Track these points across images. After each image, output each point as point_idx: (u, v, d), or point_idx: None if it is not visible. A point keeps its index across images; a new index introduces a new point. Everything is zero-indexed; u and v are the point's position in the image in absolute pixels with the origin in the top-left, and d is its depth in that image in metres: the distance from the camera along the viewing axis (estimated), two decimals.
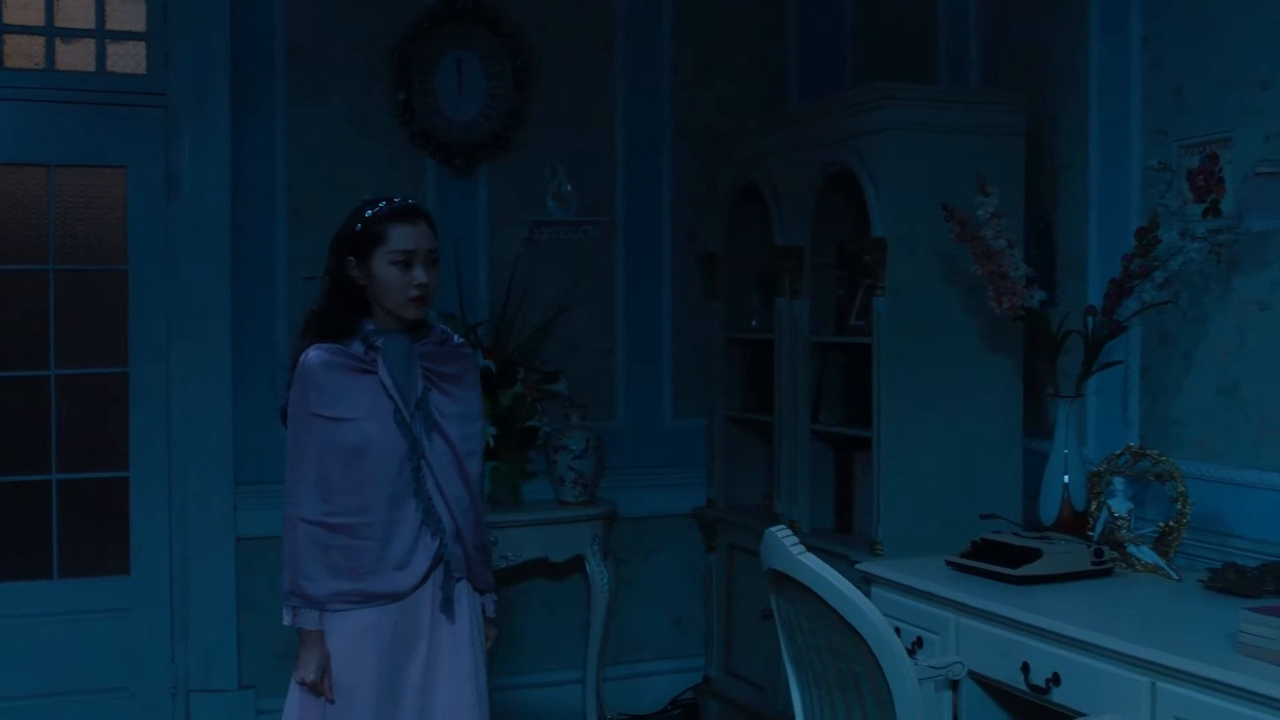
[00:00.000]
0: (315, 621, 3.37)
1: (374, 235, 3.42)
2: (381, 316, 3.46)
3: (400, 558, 3.40)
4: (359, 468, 3.36)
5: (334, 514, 3.35)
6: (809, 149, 5.11)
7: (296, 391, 3.40)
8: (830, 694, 3.32)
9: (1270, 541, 4.01)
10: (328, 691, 3.37)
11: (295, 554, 3.37)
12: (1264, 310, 4.08)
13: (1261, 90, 4.07)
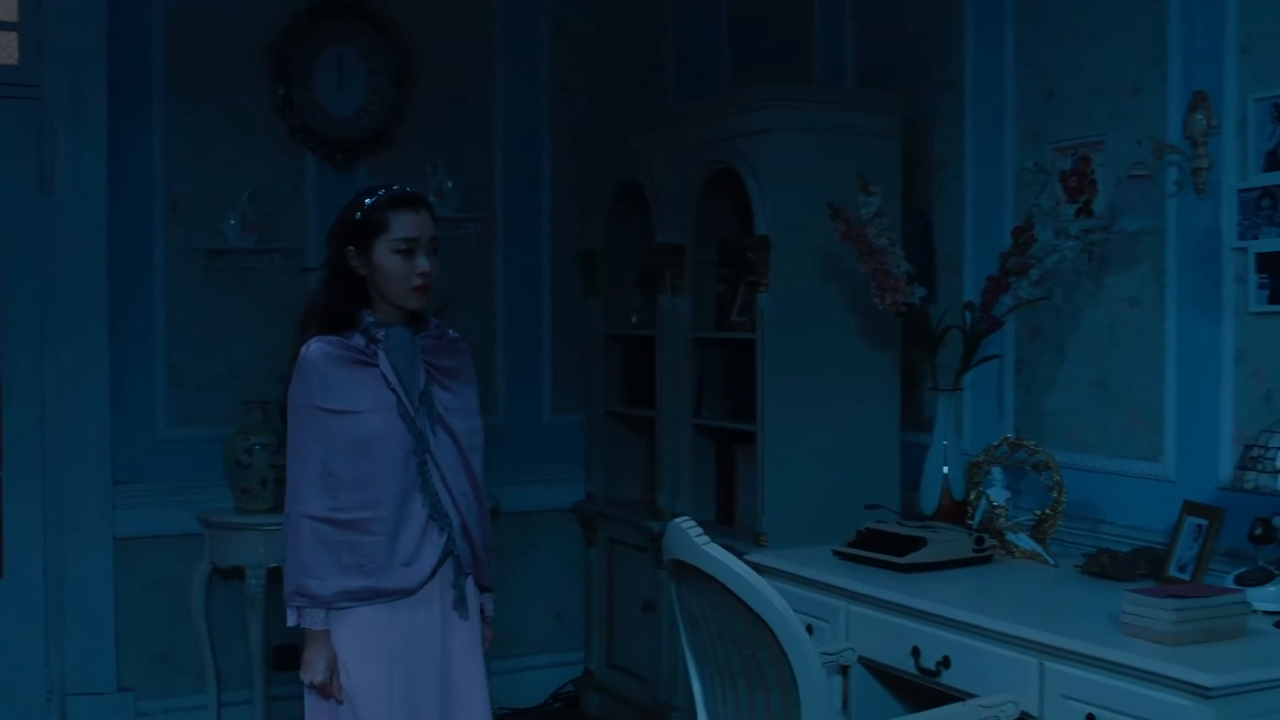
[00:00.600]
0: (321, 621, 3.27)
1: (375, 224, 3.34)
2: (382, 308, 3.38)
3: (408, 553, 3.32)
4: (365, 462, 3.28)
5: (341, 509, 3.26)
6: (692, 148, 5.19)
7: (298, 384, 3.30)
8: (733, 681, 3.38)
9: (1140, 527, 4.19)
10: (336, 692, 3.29)
11: (300, 552, 3.26)
12: (1134, 307, 4.25)
13: (1132, 96, 4.25)
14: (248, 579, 5.21)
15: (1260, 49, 3.86)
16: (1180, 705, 3.03)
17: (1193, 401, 4.07)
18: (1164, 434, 4.16)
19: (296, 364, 3.31)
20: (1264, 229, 3.83)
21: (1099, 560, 4.06)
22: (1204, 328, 4.03)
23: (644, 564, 5.54)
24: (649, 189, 5.47)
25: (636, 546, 5.61)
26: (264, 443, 5.26)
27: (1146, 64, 4.20)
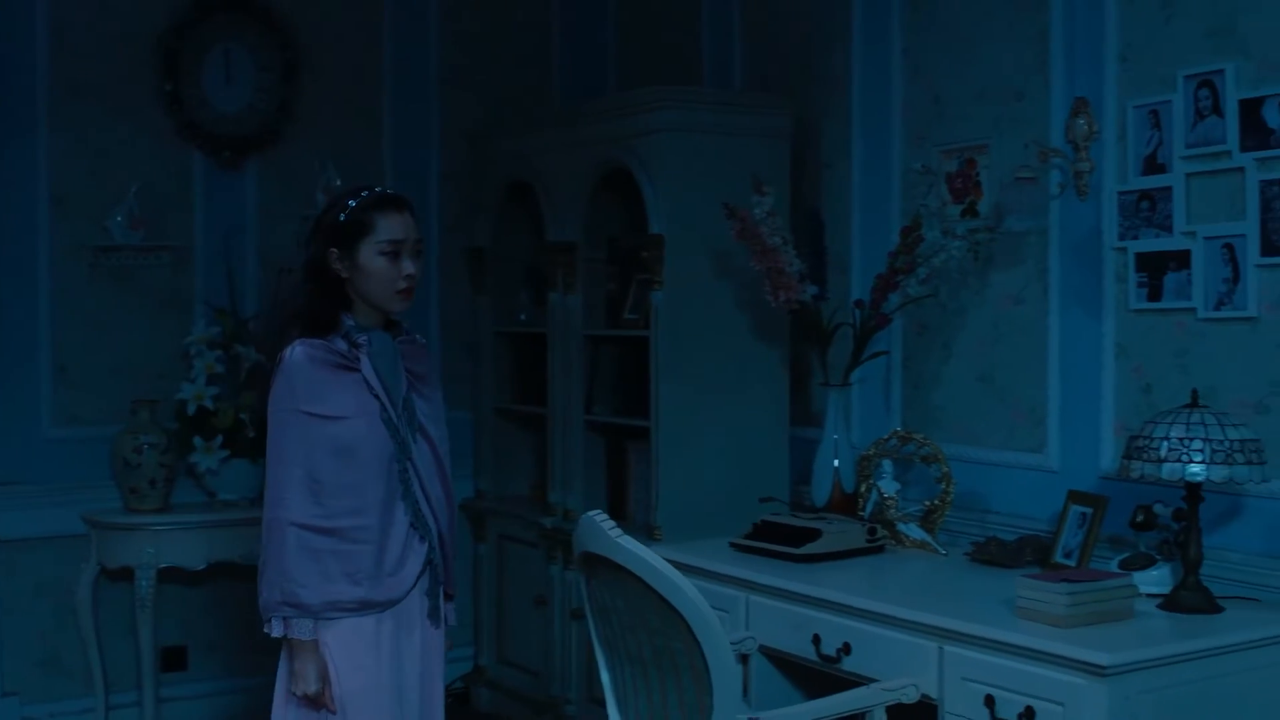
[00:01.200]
0: (309, 631, 3.17)
1: (361, 225, 3.25)
2: (362, 311, 3.30)
3: (394, 563, 3.25)
4: (351, 468, 3.19)
5: (327, 516, 3.16)
6: (584, 147, 5.25)
7: (281, 387, 3.20)
8: (645, 671, 3.45)
9: (1026, 516, 4.35)
10: (329, 702, 3.19)
11: (283, 560, 3.15)
12: (1018, 304, 4.42)
13: (1016, 101, 4.41)
14: (137, 580, 5.15)
15: (1138, 58, 4.04)
16: (1075, 684, 3.18)
17: (1075, 395, 4.24)
18: (1047, 426, 4.33)
19: (280, 367, 3.21)
20: (1143, 230, 4.01)
21: (987, 548, 4.21)
22: (1086, 324, 4.20)
23: (535, 559, 5.59)
24: (540, 188, 5.52)
25: (527, 542, 5.66)
26: (153, 442, 5.20)
27: (1030, 71, 4.36)
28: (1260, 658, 3.40)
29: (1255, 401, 3.75)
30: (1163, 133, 3.96)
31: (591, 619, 3.63)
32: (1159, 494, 3.80)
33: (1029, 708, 3.26)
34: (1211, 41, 3.84)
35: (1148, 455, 3.50)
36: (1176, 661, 3.26)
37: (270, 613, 3.20)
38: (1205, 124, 3.84)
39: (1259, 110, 3.71)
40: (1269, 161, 3.70)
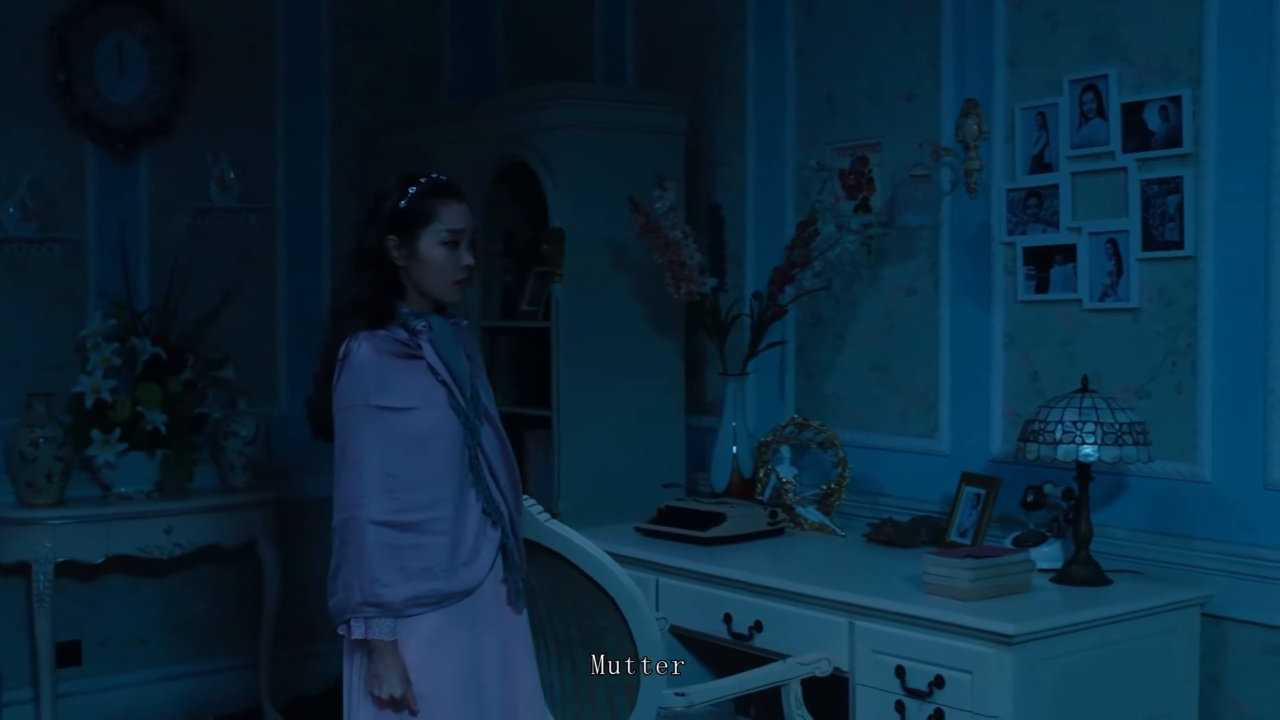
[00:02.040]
0: (390, 631, 3.06)
1: (422, 213, 3.14)
2: (414, 299, 3.18)
3: (469, 551, 3.16)
4: (424, 459, 3.09)
5: (404, 511, 3.06)
6: (483, 142, 5.33)
7: (350, 384, 3.07)
8: (571, 652, 3.57)
9: (918, 498, 4.56)
10: (412, 703, 3.08)
11: (365, 560, 3.02)
12: (910, 296, 4.62)
13: (907, 102, 4.61)
14: (35, 575, 5.10)
15: (1026, 63, 4.26)
16: (984, 653, 3.38)
17: (966, 383, 4.46)
18: (939, 413, 4.54)
19: (346, 362, 3.08)
20: (1030, 225, 4.24)
21: (883, 529, 4.41)
22: (976, 315, 4.42)
23: None
24: None
25: None
26: (49, 435, 5.16)
27: (921, 73, 4.56)
28: (1147, 626, 3.65)
29: (1137, 387, 3.99)
30: (1049, 134, 4.18)
31: None
32: (1048, 475, 4.03)
33: (939, 677, 3.46)
34: (1095, 48, 4.07)
35: (1043, 438, 3.72)
36: (1074, 630, 3.49)
37: (349, 614, 3.08)
38: (1089, 126, 4.08)
39: (1140, 114, 3.95)
40: (1149, 162, 3.94)
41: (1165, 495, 3.93)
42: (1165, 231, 3.91)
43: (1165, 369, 3.93)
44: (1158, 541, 3.93)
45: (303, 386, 5.90)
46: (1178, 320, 3.91)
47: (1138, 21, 3.97)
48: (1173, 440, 3.87)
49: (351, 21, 6.11)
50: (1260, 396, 3.73)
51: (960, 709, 3.41)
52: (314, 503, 5.97)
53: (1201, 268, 3.84)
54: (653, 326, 5.22)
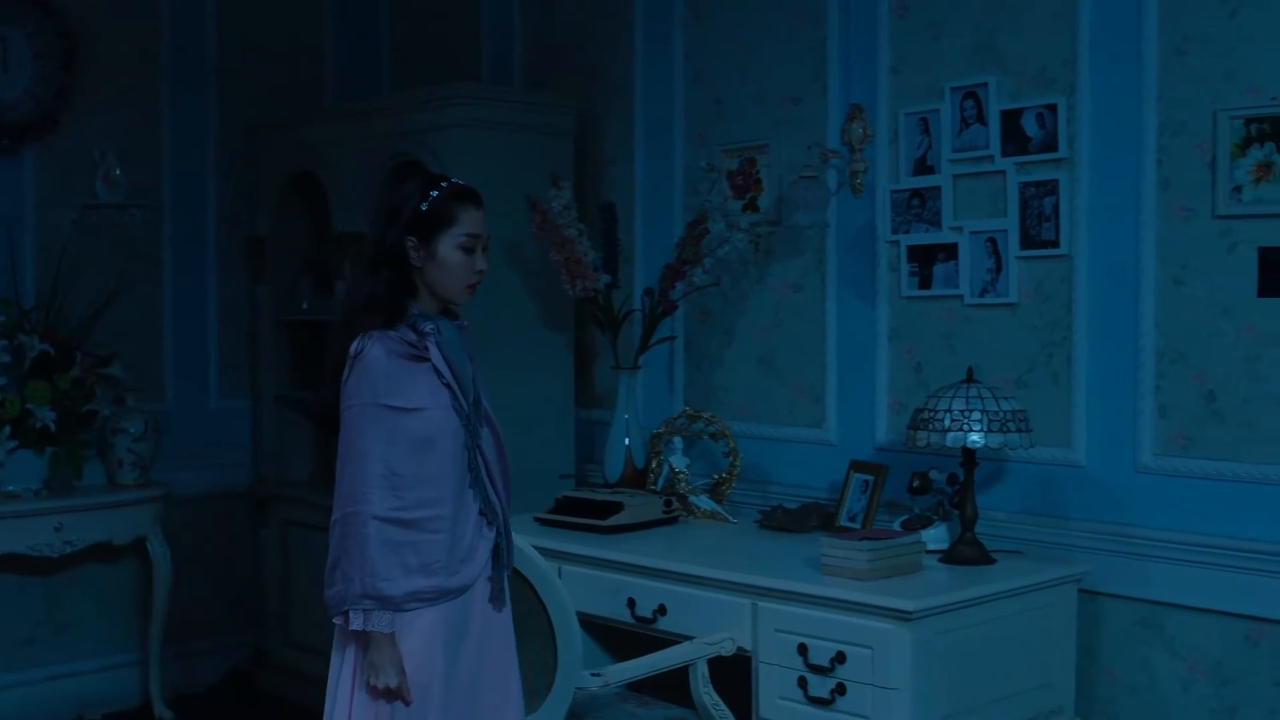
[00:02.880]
0: (388, 624, 3.12)
1: (443, 216, 3.20)
2: (425, 300, 3.25)
3: (466, 550, 3.23)
4: (427, 459, 3.14)
5: (405, 508, 3.11)
6: (376, 140, 5.40)
7: (360, 382, 3.12)
8: None
9: (805, 485, 4.76)
10: (406, 694, 3.14)
11: (366, 554, 3.09)
12: (797, 292, 4.82)
13: (794, 105, 4.81)
14: None
15: (909, 70, 4.48)
16: (883, 629, 3.58)
17: (851, 374, 4.67)
18: (826, 404, 4.74)
19: (358, 360, 3.13)
20: (914, 225, 4.46)
21: (774, 516, 4.60)
22: (861, 310, 4.63)
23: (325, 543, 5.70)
24: (328, 179, 5.65)
25: (316, 526, 5.76)
26: None
27: (808, 78, 4.76)
28: (1028, 601, 3.88)
29: (1016, 378, 4.24)
30: (932, 138, 4.41)
31: None
32: (932, 461, 4.25)
33: (840, 653, 3.65)
34: (975, 58, 4.31)
35: (933, 426, 3.93)
36: (964, 607, 3.70)
37: (348, 605, 3.13)
38: (970, 131, 4.31)
39: (1018, 120, 4.20)
40: (1026, 166, 4.18)
41: (1043, 479, 4.18)
42: (1042, 231, 4.15)
43: (1042, 360, 4.18)
44: (1036, 522, 4.18)
45: (189, 383, 6.03)
46: (1054, 315, 4.15)
47: (1015, 33, 4.21)
48: (1050, 427, 4.11)
49: (237, 20, 6.12)
50: (1131, 386, 3.99)
51: (861, 682, 3.60)
52: (203, 499, 6.03)
53: (1076, 265, 4.10)
54: (544, 322, 5.35)
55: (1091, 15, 4.04)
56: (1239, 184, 3.76)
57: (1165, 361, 3.93)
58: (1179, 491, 3.91)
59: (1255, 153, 3.72)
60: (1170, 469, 3.92)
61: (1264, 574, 3.73)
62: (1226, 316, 3.81)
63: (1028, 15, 4.18)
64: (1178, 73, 3.87)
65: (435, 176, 3.30)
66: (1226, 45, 3.78)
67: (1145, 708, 3.98)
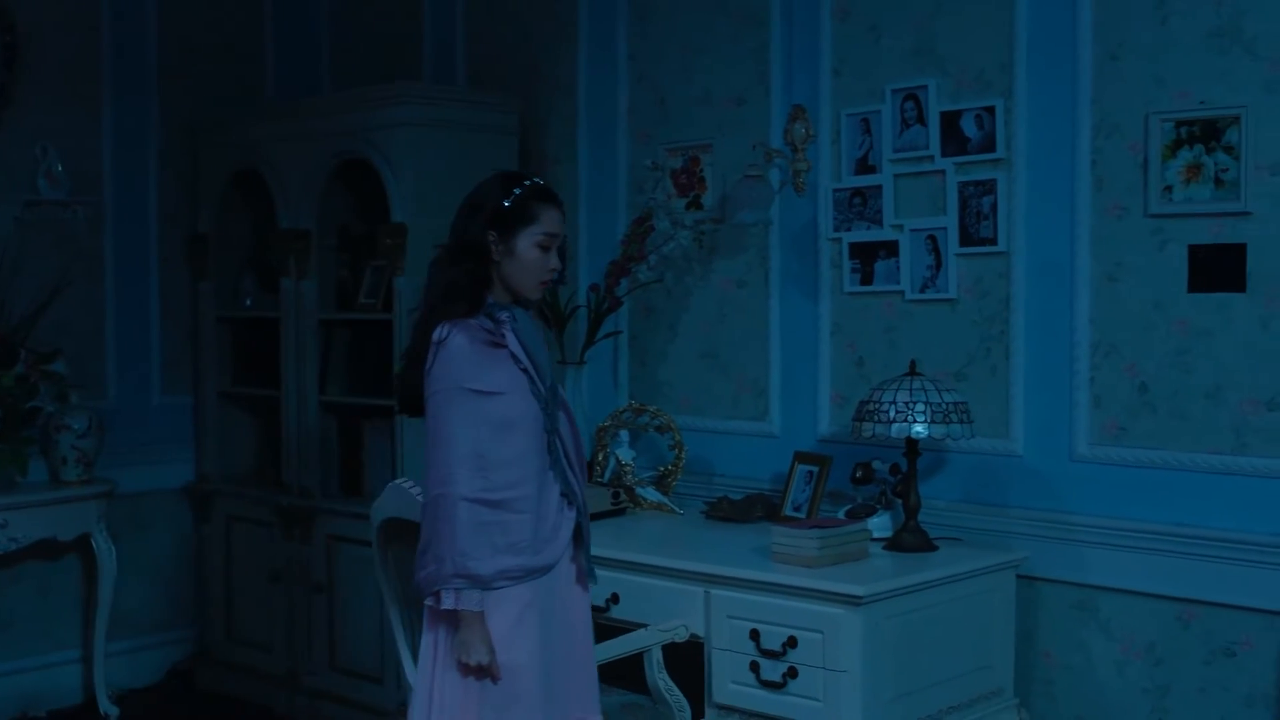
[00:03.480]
0: (478, 602, 3.22)
1: (524, 213, 3.32)
2: (499, 292, 3.35)
3: (550, 530, 3.33)
4: (510, 441, 3.25)
5: (492, 489, 3.21)
6: (322, 139, 5.45)
7: (446, 367, 3.23)
8: None
9: (749, 477, 4.88)
10: (496, 671, 3.25)
11: (456, 534, 3.19)
12: (741, 288, 4.93)
13: (737, 106, 4.92)
14: None
15: (851, 72, 4.61)
16: (835, 614, 3.70)
17: (794, 368, 4.79)
18: (770, 397, 4.86)
19: (442, 346, 3.25)
20: (855, 223, 4.59)
21: (720, 507, 4.71)
22: (803, 306, 4.75)
23: (269, 537, 5.76)
24: (271, 177, 5.68)
25: (260, 521, 5.82)
26: None
27: (751, 80, 4.88)
28: (969, 587, 4.02)
29: (955, 371, 4.38)
30: (873, 138, 4.54)
31: (389, 582, 3.88)
32: (873, 453, 4.39)
33: (791, 638, 3.77)
34: (915, 61, 4.44)
35: (878, 417, 4.06)
36: (909, 592, 3.84)
37: (440, 585, 3.23)
38: (910, 132, 4.45)
39: (957, 121, 4.34)
40: (965, 166, 4.33)
41: (982, 468, 4.33)
42: (980, 229, 4.30)
43: (981, 354, 4.32)
44: (976, 510, 4.32)
45: (132, 379, 6.04)
46: (992, 310, 4.30)
47: (954, 38, 4.35)
48: (988, 418, 4.26)
49: (178, 17, 6.12)
50: (1066, 378, 4.15)
51: (813, 665, 3.73)
52: (146, 495, 6.04)
53: (1013, 262, 4.25)
54: None
55: (1028, 21, 4.19)
56: (1170, 184, 3.92)
57: (1099, 354, 4.09)
58: (1112, 479, 4.07)
59: (1185, 154, 3.89)
60: (1104, 458, 4.09)
61: (1194, 558, 3.90)
62: (1158, 311, 3.98)
63: (966, 20, 4.32)
64: (1111, 77, 4.03)
65: (518, 175, 3.43)
66: (1158, 52, 3.94)
67: (1081, 688, 4.14)
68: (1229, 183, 3.81)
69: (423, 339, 3.30)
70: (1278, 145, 3.75)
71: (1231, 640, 3.87)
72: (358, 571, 5.40)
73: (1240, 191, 3.79)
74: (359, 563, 5.39)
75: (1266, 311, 3.79)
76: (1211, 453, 3.89)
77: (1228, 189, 3.82)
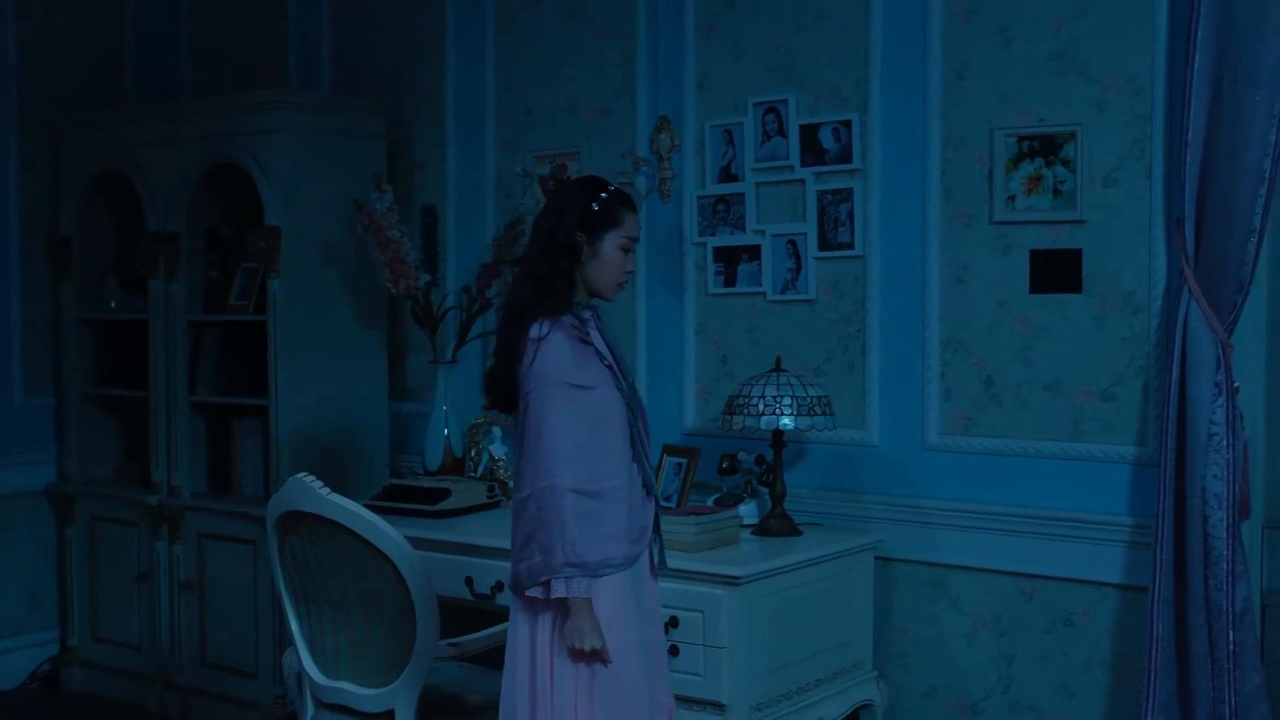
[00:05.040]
0: (588, 589, 3.34)
1: (611, 217, 3.47)
2: (580, 292, 3.50)
3: (640, 519, 3.48)
4: (604, 434, 3.40)
5: (592, 480, 3.35)
6: (194, 142, 5.53)
7: (547, 364, 3.36)
8: (347, 613, 3.89)
9: None
10: (606, 655, 3.37)
11: (564, 524, 3.31)
12: None
13: (604, 116, 5.16)
14: None
15: (715, 86, 4.87)
16: (715, 594, 3.97)
17: (662, 365, 5.04)
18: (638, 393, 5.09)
19: (543, 343, 3.38)
20: (719, 228, 4.86)
21: None
22: (670, 306, 5.01)
23: (136, 537, 5.81)
24: (140, 180, 5.72)
25: (126, 521, 5.86)
26: None
27: (617, 91, 5.12)
28: (832, 568, 4.33)
29: (815, 367, 4.68)
30: (736, 149, 4.81)
31: (285, 573, 4.02)
32: (738, 444, 4.66)
33: (673, 618, 4.02)
34: (776, 76, 4.73)
35: (747, 411, 4.34)
36: (781, 573, 4.12)
37: (549, 575, 3.33)
38: (772, 143, 4.73)
39: (816, 134, 4.64)
40: (824, 175, 4.63)
41: (841, 458, 4.64)
42: (838, 234, 4.60)
43: (839, 351, 4.63)
44: (836, 497, 4.63)
45: None
46: (849, 310, 4.61)
47: (813, 56, 4.65)
48: (847, 411, 4.57)
49: (36, 18, 6.12)
50: (919, 373, 4.48)
51: (693, 643, 3.98)
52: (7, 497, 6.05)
53: (869, 265, 4.56)
54: (359, 319, 5.57)
55: (882, 42, 4.51)
56: (1013, 194, 4.27)
57: (949, 351, 4.43)
58: (961, 466, 4.41)
59: (1027, 167, 4.24)
60: (954, 446, 4.42)
61: (1036, 535, 4.26)
62: (1002, 310, 4.33)
63: (824, 40, 4.62)
64: (959, 95, 4.37)
65: (603, 181, 3.59)
66: (1001, 72, 4.29)
67: (934, 659, 4.48)
68: (1066, 193, 4.18)
69: (515, 336, 3.43)
70: (1109, 159, 4.12)
71: (1070, 611, 4.24)
72: (229, 568, 5.50)
73: (1076, 201, 4.16)
74: (231, 559, 5.50)
75: (1100, 310, 4.16)
76: (1051, 440, 4.25)
77: (1065, 199, 4.18)
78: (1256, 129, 3.75)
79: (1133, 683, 4.08)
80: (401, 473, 5.48)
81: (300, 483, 3.86)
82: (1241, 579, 3.83)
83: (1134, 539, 4.10)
